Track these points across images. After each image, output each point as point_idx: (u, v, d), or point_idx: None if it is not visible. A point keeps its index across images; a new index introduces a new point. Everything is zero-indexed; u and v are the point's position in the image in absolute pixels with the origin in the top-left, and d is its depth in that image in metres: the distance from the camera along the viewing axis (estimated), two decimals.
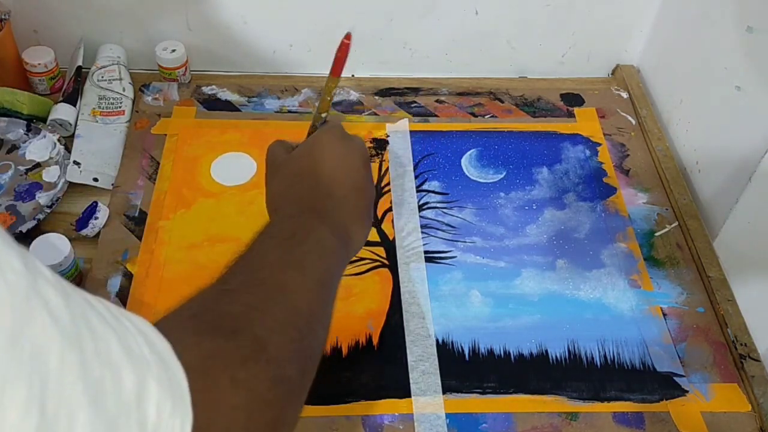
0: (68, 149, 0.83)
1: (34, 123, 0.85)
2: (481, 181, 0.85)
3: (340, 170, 0.57)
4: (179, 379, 0.31)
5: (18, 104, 0.85)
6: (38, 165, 0.83)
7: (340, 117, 0.91)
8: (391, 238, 0.78)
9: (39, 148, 0.84)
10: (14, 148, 0.84)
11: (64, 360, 0.24)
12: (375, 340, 0.69)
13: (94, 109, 0.87)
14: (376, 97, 0.94)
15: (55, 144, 0.84)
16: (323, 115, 0.62)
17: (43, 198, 0.79)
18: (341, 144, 0.58)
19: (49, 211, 0.77)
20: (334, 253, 0.51)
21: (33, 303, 0.24)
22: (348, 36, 0.57)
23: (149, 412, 0.28)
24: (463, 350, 0.69)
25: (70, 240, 0.70)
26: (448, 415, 0.64)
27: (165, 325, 0.35)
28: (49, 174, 0.81)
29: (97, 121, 0.86)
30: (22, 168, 0.82)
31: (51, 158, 0.83)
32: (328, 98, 0.61)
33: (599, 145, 0.89)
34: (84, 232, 0.75)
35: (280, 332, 0.41)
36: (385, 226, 0.79)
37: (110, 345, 0.27)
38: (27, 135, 0.85)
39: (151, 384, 0.28)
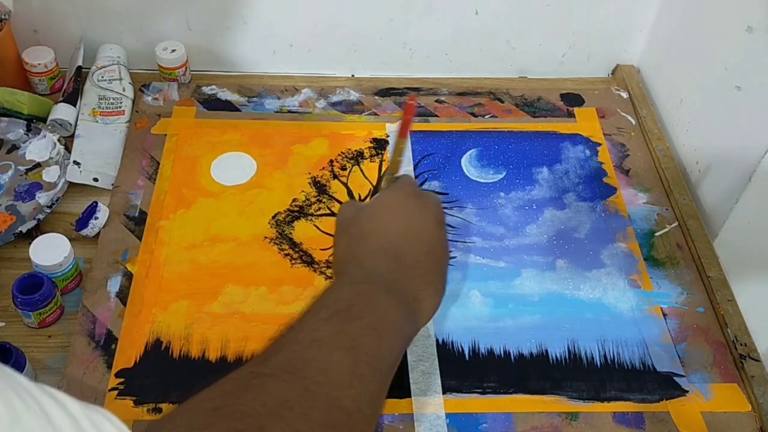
0: (68, 149, 0.83)
1: (34, 123, 0.85)
2: (481, 181, 0.85)
3: (412, 232, 0.52)
4: None
5: (18, 104, 0.85)
6: (38, 165, 0.83)
7: (333, 117, 0.90)
8: None
9: (39, 148, 0.84)
10: (14, 148, 0.84)
11: None
12: None
13: (94, 109, 0.87)
14: (376, 97, 0.94)
15: (55, 144, 0.84)
16: (394, 176, 0.61)
17: (43, 198, 0.79)
18: (413, 202, 0.54)
19: (49, 211, 0.77)
20: (396, 329, 0.46)
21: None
22: (412, 98, 0.56)
23: None
24: (463, 350, 0.69)
25: (70, 240, 0.70)
26: (448, 415, 0.64)
27: (181, 416, 0.33)
28: (49, 174, 0.81)
29: (97, 121, 0.86)
30: (22, 168, 0.82)
31: (51, 158, 0.83)
32: (399, 159, 0.60)
33: (599, 145, 0.89)
34: (84, 232, 0.75)
35: (298, 424, 0.37)
36: None
37: None
38: (27, 135, 0.85)
39: None
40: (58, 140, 0.84)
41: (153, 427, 0.34)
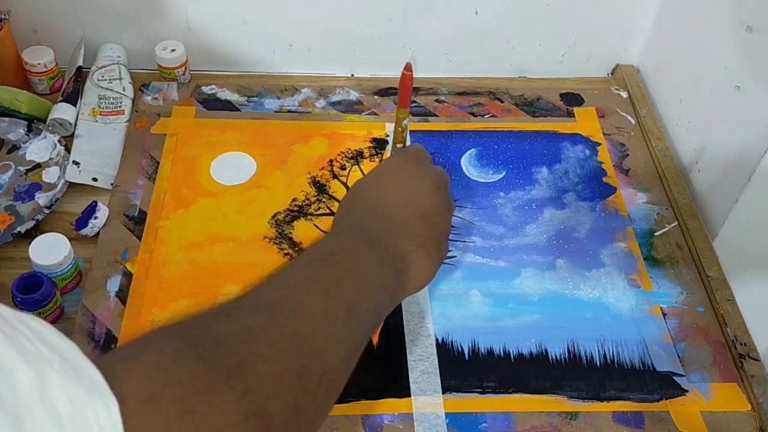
0: (68, 149, 0.83)
1: (35, 123, 0.85)
2: (481, 180, 0.85)
3: (404, 194, 0.52)
4: (90, 372, 0.28)
5: (17, 103, 0.85)
6: (38, 165, 0.83)
7: (333, 117, 0.90)
8: None
9: (39, 148, 0.84)
10: (15, 148, 0.84)
11: None
12: (375, 340, 0.69)
13: (94, 108, 0.87)
14: (376, 97, 0.94)
15: (55, 145, 0.84)
16: (399, 146, 0.61)
17: (42, 199, 0.79)
18: (412, 168, 0.54)
19: (48, 211, 0.77)
20: (378, 281, 0.46)
21: None
22: (407, 67, 0.56)
23: (59, 405, 0.26)
24: (462, 350, 0.69)
25: (69, 240, 0.70)
26: (447, 415, 0.64)
27: (137, 344, 0.33)
28: (49, 175, 0.81)
29: (97, 121, 0.86)
30: (22, 168, 0.82)
31: (51, 159, 0.83)
32: (400, 128, 0.60)
33: (599, 144, 0.89)
34: (83, 231, 0.75)
35: (270, 361, 0.36)
36: None
37: None
38: (28, 135, 0.85)
39: (53, 378, 0.26)
40: (59, 141, 0.84)
41: (120, 348, 0.34)
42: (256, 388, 0.35)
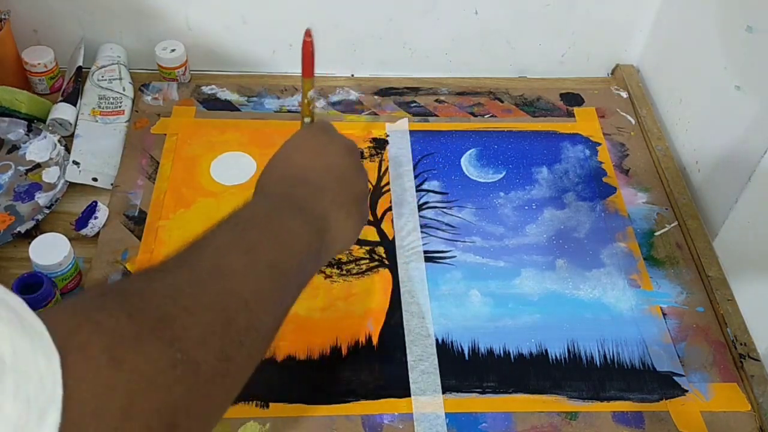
0: (68, 149, 0.83)
1: (35, 123, 0.85)
2: (481, 180, 0.85)
3: (319, 159, 0.54)
4: (35, 325, 0.29)
5: (17, 103, 0.85)
6: (38, 165, 0.83)
7: (333, 117, 0.90)
8: (390, 237, 0.78)
9: (39, 148, 0.84)
10: (15, 148, 0.84)
11: None
12: (375, 340, 0.69)
13: (94, 108, 0.87)
14: (376, 97, 0.94)
15: (55, 145, 0.83)
16: (306, 120, 0.61)
17: (42, 199, 0.79)
18: (322, 135, 0.57)
19: (48, 211, 0.77)
20: (300, 241, 0.48)
21: None
22: (307, 32, 0.56)
23: (3, 351, 0.26)
24: (462, 350, 0.69)
25: (69, 240, 0.70)
26: (447, 415, 0.64)
27: (67, 302, 0.34)
28: (49, 175, 0.81)
29: (97, 121, 0.86)
30: (22, 168, 0.82)
31: (51, 159, 0.83)
32: (306, 101, 0.59)
33: (599, 144, 0.89)
34: (83, 231, 0.75)
35: (196, 314, 0.37)
36: (385, 226, 0.79)
37: None
38: (27, 135, 0.85)
39: None
40: (59, 141, 0.84)
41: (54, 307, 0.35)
42: (182, 337, 0.35)
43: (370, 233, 0.78)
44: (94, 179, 0.80)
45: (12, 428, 0.26)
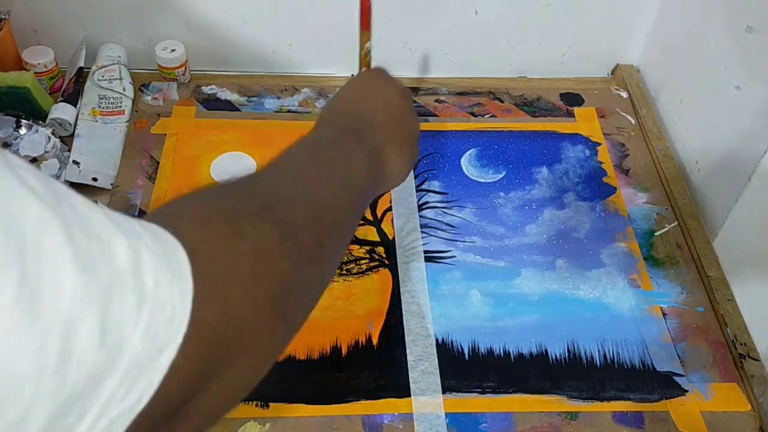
0: (68, 149, 0.83)
1: (24, 119, 0.84)
2: (481, 180, 0.85)
3: (375, 99, 0.58)
4: (176, 253, 0.30)
5: (22, 80, 0.84)
6: (35, 160, 0.82)
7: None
8: (390, 237, 0.78)
9: (33, 143, 0.84)
10: (5, 145, 0.84)
11: (45, 227, 0.23)
12: (375, 340, 0.69)
13: (94, 108, 0.87)
14: None
15: (49, 138, 0.83)
16: (363, 69, 0.64)
17: None
18: (378, 78, 0.60)
19: None
20: (362, 165, 0.51)
21: (3, 172, 0.23)
22: None
23: (146, 281, 0.27)
24: (462, 350, 0.69)
25: None
26: (447, 415, 0.64)
27: (175, 200, 0.37)
28: (48, 167, 0.81)
29: (97, 121, 0.86)
30: None
31: (47, 152, 0.83)
32: (363, 52, 0.62)
33: (599, 144, 0.89)
34: None
35: (292, 205, 0.41)
36: (385, 226, 0.79)
37: (96, 220, 0.26)
38: (17, 131, 0.84)
39: (145, 255, 0.27)
40: (52, 133, 0.83)
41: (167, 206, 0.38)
42: (285, 221, 0.39)
43: (370, 233, 0.78)
44: (94, 179, 0.80)
45: (133, 360, 0.26)
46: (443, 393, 0.66)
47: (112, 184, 0.81)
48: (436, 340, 0.69)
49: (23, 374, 0.22)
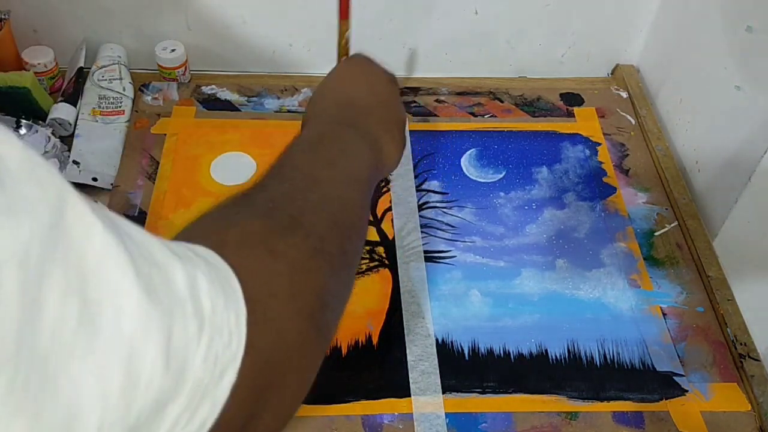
0: (68, 149, 0.83)
1: (24, 119, 0.84)
2: (481, 180, 0.85)
3: (363, 84, 0.57)
4: (228, 276, 0.30)
5: (22, 80, 0.84)
6: None
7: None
8: (390, 237, 0.78)
9: (32, 143, 0.83)
10: None
11: (108, 253, 0.24)
12: (375, 340, 0.69)
13: (94, 108, 0.87)
14: None
15: (49, 138, 0.83)
16: (343, 58, 0.63)
17: None
18: (363, 64, 0.60)
19: None
20: (364, 157, 0.50)
21: (67, 196, 0.23)
22: None
23: (204, 305, 0.27)
24: (462, 350, 0.69)
25: None
26: (447, 415, 0.64)
27: (198, 221, 0.36)
28: None
29: (96, 121, 0.86)
30: None
31: (47, 152, 0.83)
32: (344, 41, 0.61)
33: (599, 144, 0.89)
34: None
35: (313, 213, 0.41)
36: (385, 226, 0.79)
37: (152, 248, 0.27)
38: (17, 132, 0.84)
39: (202, 279, 0.28)
40: (52, 133, 0.83)
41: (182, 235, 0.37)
42: (312, 232, 0.39)
43: (370, 233, 0.78)
44: (94, 179, 0.80)
45: (196, 385, 0.27)
46: (443, 393, 0.66)
47: (112, 184, 0.81)
48: (436, 340, 0.69)
49: (87, 399, 0.22)
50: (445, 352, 0.69)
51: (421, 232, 0.79)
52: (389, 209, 0.81)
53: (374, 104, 0.56)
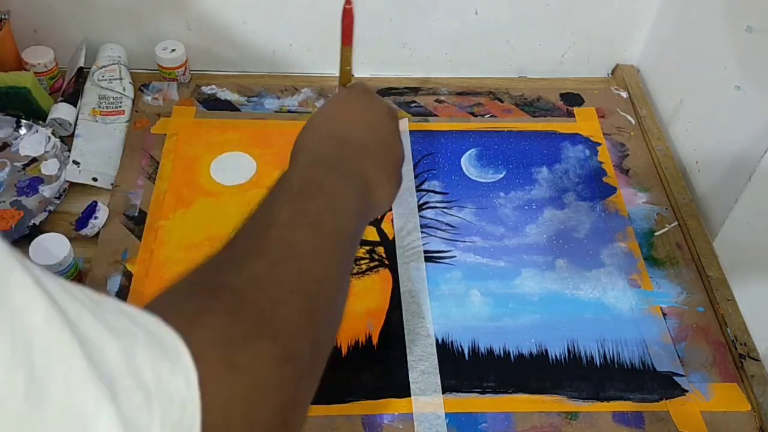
0: (68, 149, 0.83)
1: (24, 119, 0.84)
2: (481, 180, 0.85)
3: (359, 120, 0.54)
4: (172, 343, 0.29)
5: (22, 80, 0.84)
6: (35, 160, 0.83)
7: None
8: (390, 237, 0.78)
9: (32, 143, 0.84)
10: (5, 145, 0.84)
11: (52, 320, 0.23)
12: (375, 340, 0.69)
13: (94, 108, 0.87)
14: None
15: (49, 138, 0.83)
16: (343, 87, 0.61)
17: (47, 191, 0.79)
18: (363, 97, 0.56)
19: (58, 201, 0.77)
20: (350, 207, 0.48)
21: (11, 263, 0.23)
22: (348, 0, 0.56)
23: (145, 377, 0.27)
24: (462, 350, 0.69)
25: (69, 240, 0.70)
26: (447, 415, 0.64)
27: (157, 305, 0.34)
28: (48, 167, 0.82)
29: (97, 121, 0.86)
30: (18, 164, 0.82)
31: (47, 152, 0.83)
32: (348, 68, 0.60)
33: (599, 144, 0.89)
34: (83, 231, 0.75)
35: (287, 303, 0.38)
36: (385, 226, 0.79)
37: (83, 320, 0.26)
38: (17, 132, 0.85)
39: (139, 351, 0.27)
40: (52, 133, 0.84)
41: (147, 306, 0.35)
42: (282, 332, 0.36)
43: (370, 233, 0.78)
44: (94, 179, 0.80)
45: None
46: (443, 393, 0.66)
47: (112, 184, 0.81)
48: (436, 340, 0.69)
49: None
50: (445, 352, 0.69)
51: (421, 232, 0.79)
52: (389, 209, 0.81)
53: (370, 141, 0.53)
